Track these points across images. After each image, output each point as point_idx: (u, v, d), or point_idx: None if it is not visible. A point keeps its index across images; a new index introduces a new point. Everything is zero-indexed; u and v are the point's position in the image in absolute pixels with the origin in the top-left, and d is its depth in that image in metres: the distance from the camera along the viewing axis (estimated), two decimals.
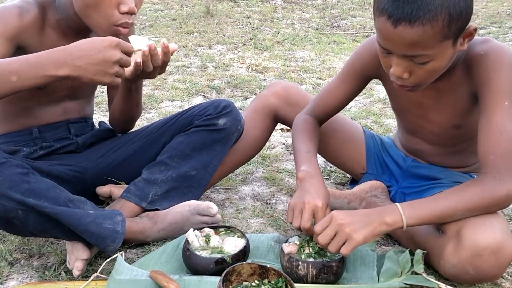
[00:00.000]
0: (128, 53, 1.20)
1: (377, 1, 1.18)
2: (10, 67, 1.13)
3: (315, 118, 1.59)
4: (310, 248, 1.29)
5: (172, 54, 1.37)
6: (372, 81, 1.57)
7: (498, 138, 1.21)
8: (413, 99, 1.44)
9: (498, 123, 1.21)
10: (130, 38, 1.32)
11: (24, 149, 1.47)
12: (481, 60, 1.27)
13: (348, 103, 1.57)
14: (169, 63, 1.39)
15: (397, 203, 1.23)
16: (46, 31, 1.40)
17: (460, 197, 1.21)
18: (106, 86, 1.69)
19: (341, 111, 1.63)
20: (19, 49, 1.34)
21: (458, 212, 1.20)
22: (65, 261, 1.38)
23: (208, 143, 1.57)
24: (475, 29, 1.20)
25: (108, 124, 1.71)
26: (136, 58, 1.34)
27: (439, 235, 1.30)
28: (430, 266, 1.33)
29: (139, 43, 1.31)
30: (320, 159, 2.07)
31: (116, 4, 1.31)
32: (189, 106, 1.68)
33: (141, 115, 1.71)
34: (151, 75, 1.38)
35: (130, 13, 1.33)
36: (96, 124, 1.72)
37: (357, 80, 1.52)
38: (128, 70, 1.38)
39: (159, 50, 1.34)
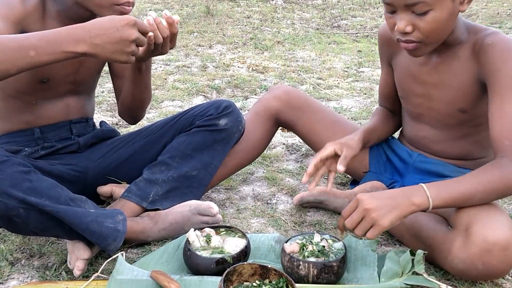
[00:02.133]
0: (144, 33, 1.22)
1: None
2: (29, 42, 1.13)
3: (383, 107, 1.71)
4: (314, 246, 1.29)
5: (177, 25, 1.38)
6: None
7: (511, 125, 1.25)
8: (415, 76, 1.48)
9: (509, 110, 1.26)
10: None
11: (26, 149, 1.47)
12: (489, 50, 1.31)
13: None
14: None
15: (421, 184, 1.24)
16: (47, 20, 1.41)
17: (480, 179, 1.23)
18: (111, 80, 1.69)
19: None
20: None
21: (477, 194, 1.21)
22: (66, 260, 1.38)
23: (209, 144, 1.57)
24: None
25: (109, 124, 1.71)
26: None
27: (446, 230, 1.30)
28: (435, 262, 1.33)
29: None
30: None
31: None
32: (190, 106, 1.68)
33: None
34: (163, 49, 1.37)
35: None
36: (97, 124, 1.71)
37: (386, 63, 1.62)
38: (141, 49, 1.38)
39: (163, 21, 1.34)
